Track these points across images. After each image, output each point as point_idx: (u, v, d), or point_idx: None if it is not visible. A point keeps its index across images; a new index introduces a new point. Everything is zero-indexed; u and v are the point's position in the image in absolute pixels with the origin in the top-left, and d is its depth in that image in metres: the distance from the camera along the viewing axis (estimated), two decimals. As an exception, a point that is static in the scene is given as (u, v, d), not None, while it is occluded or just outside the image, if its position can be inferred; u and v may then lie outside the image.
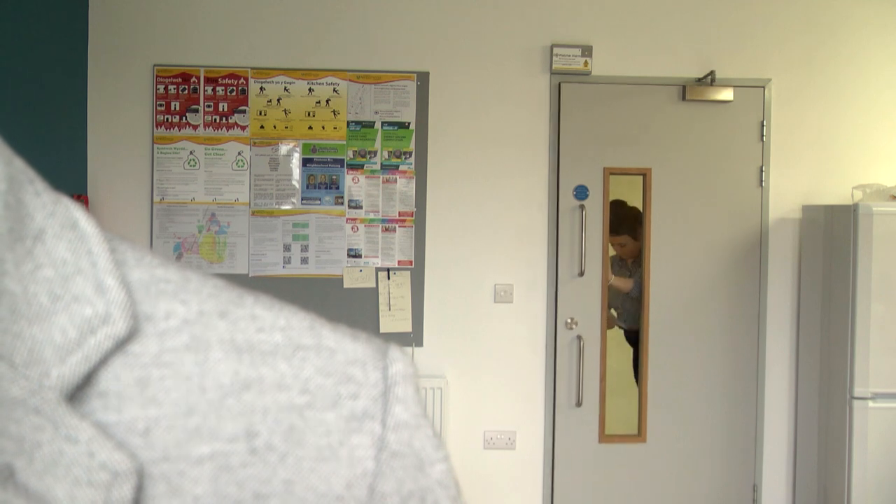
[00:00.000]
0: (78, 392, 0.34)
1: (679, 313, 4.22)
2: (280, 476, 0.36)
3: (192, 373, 0.36)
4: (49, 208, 0.36)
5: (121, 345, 0.35)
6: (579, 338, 4.17)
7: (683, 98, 4.15)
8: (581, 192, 4.17)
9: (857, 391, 3.61)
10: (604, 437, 4.24)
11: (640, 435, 4.25)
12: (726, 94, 4.15)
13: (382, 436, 0.38)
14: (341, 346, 0.40)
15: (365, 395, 0.39)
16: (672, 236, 4.19)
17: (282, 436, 0.36)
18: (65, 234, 0.36)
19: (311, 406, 0.37)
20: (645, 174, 4.18)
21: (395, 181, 4.13)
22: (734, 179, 4.19)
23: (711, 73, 4.10)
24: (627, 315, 4.32)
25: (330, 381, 0.38)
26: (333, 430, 0.37)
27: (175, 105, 4.10)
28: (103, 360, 0.35)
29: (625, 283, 4.31)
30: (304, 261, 4.12)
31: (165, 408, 0.35)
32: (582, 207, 4.16)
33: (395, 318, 4.11)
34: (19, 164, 0.37)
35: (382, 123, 4.12)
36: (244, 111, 4.10)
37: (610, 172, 4.19)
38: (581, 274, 4.16)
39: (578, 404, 4.18)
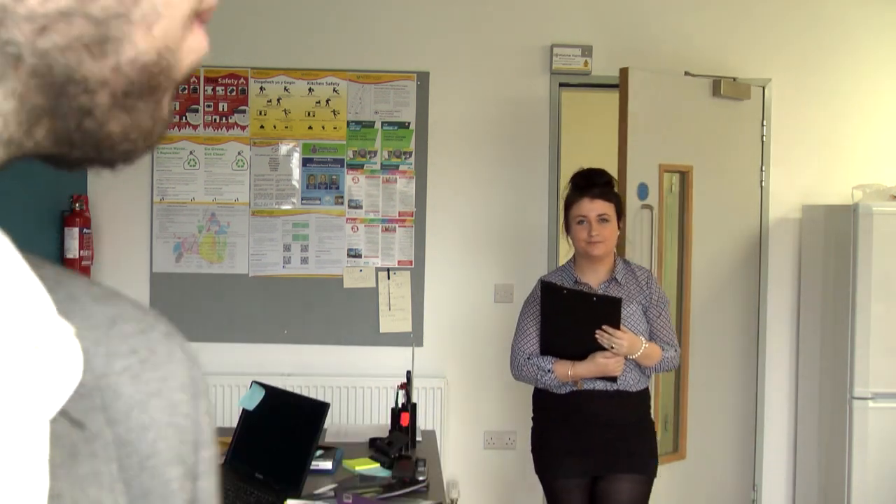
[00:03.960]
0: None
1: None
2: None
3: None
4: None
5: None
6: (579, 338, 4.13)
7: (720, 93, 4.05)
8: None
9: (857, 391, 3.61)
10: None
11: (640, 435, 4.24)
12: (745, 92, 4.10)
13: None
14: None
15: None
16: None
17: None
18: None
19: None
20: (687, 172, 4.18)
21: (395, 181, 4.13)
22: (734, 179, 4.18)
23: (710, 73, 4.09)
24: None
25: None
26: None
27: (175, 105, 4.09)
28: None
29: (629, 343, 2.77)
30: (304, 261, 4.12)
31: None
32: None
33: (395, 318, 4.11)
34: None
35: (382, 123, 4.12)
36: (244, 111, 4.10)
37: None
38: (581, 274, 4.14)
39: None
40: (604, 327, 2.75)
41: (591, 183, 2.91)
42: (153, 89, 0.39)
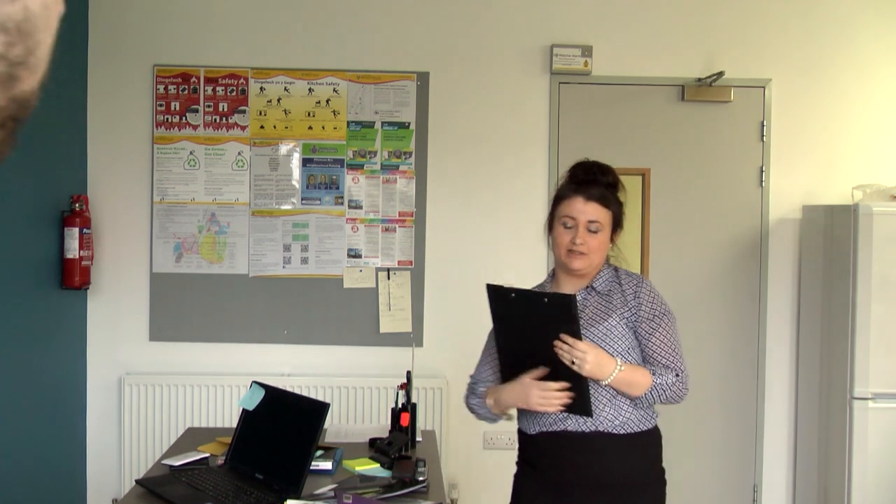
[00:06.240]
0: None
1: (678, 313, 4.21)
2: None
3: None
4: None
5: None
6: (579, 338, 4.12)
7: (683, 98, 4.15)
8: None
9: (857, 391, 3.61)
10: (604, 437, 4.23)
11: (640, 435, 4.24)
12: (726, 95, 4.15)
13: None
14: None
15: None
16: (672, 236, 4.19)
17: None
18: None
19: None
20: (644, 174, 4.18)
21: (395, 181, 4.13)
22: (734, 179, 4.19)
23: (711, 73, 4.10)
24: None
25: None
26: None
27: (175, 105, 4.10)
28: None
29: (596, 359, 2.16)
30: (304, 261, 4.12)
31: None
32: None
33: (395, 318, 4.11)
34: None
35: (382, 123, 4.12)
36: (244, 111, 4.10)
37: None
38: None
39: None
40: (561, 336, 2.16)
41: (591, 179, 2.34)
42: (23, 118, 0.52)
